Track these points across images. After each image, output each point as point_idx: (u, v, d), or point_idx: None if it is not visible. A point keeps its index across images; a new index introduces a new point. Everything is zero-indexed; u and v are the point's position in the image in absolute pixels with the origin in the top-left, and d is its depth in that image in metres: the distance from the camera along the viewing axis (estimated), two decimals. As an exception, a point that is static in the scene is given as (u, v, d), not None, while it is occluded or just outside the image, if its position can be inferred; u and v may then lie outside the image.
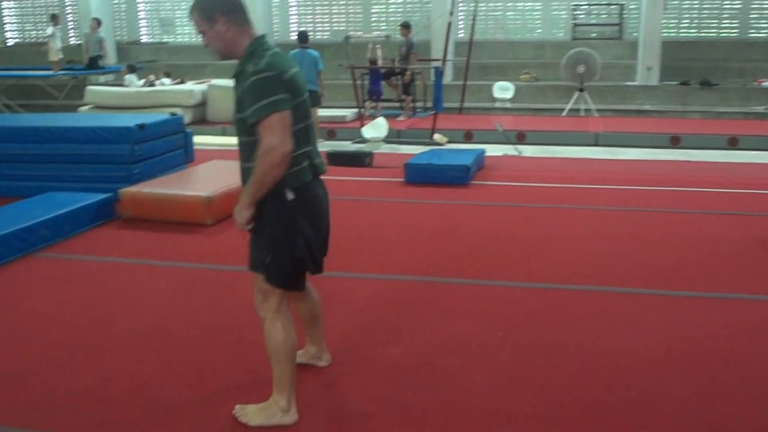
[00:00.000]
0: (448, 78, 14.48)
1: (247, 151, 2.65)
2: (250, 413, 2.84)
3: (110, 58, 15.71)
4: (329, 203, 2.89)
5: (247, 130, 2.60)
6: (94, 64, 14.44)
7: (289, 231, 2.68)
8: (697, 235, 5.45)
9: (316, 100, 9.92)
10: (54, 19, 14.64)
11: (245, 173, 2.70)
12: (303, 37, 10.42)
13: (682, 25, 16.07)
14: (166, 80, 13.29)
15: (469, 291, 4.33)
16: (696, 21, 16.00)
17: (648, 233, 5.52)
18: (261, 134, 2.53)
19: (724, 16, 15.87)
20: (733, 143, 10.14)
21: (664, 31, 15.00)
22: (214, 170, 6.91)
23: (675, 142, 10.24)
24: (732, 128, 10.93)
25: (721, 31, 15.97)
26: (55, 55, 14.17)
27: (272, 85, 2.52)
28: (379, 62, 12.03)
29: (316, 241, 2.78)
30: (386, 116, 10.98)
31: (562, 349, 3.50)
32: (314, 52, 10.14)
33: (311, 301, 3.15)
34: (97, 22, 14.47)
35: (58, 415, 2.93)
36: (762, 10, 15.71)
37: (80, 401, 3.03)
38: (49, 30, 14.37)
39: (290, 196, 2.64)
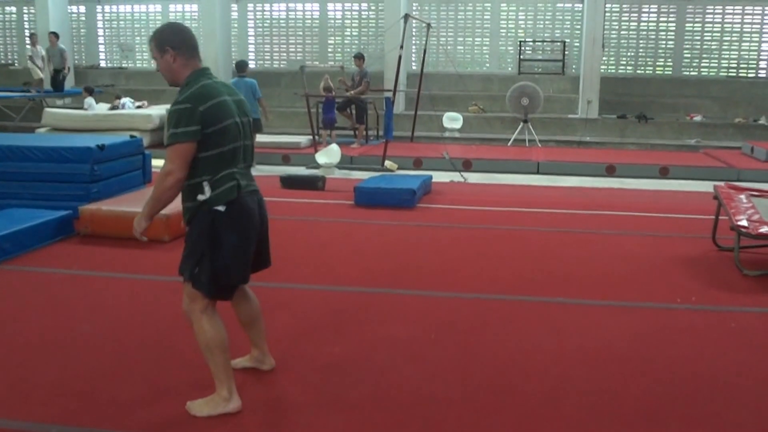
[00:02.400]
0: (400, 108, 15.03)
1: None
2: (197, 406, 3.15)
3: (70, 68, 16.07)
4: (266, 218, 3.24)
5: None
6: (57, 78, 14.75)
7: (214, 245, 3.00)
8: (619, 253, 5.96)
9: (257, 127, 10.38)
10: (32, 38, 14.99)
11: (189, 190, 3.04)
12: (241, 66, 10.96)
13: (620, 63, 16.98)
14: (129, 101, 13.45)
15: (407, 300, 4.73)
16: (633, 59, 16.94)
17: (575, 251, 6.02)
18: (165, 158, 2.95)
19: (659, 54, 16.84)
20: (664, 172, 10.83)
21: (604, 67, 15.86)
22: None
23: (610, 171, 10.89)
24: (664, 159, 11.65)
25: (656, 68, 16.93)
26: (36, 75, 14.62)
27: (184, 117, 2.91)
28: (333, 92, 12.45)
29: (244, 253, 3.10)
30: (340, 143, 11.41)
31: (485, 348, 3.91)
32: (251, 81, 10.80)
33: (249, 305, 3.44)
34: (56, 36, 14.87)
35: (22, 406, 3.21)
36: (694, 49, 16.72)
37: (42, 394, 3.31)
38: (30, 50, 14.74)
39: (221, 208, 2.99)
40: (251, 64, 17.88)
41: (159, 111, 12.79)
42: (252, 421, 3.11)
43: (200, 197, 2.98)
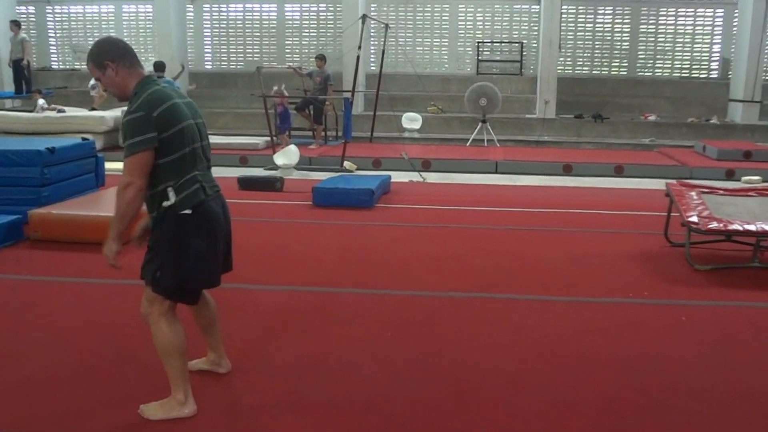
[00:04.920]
0: (359, 108, 15.02)
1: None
2: (152, 409, 3.11)
3: (32, 57, 15.69)
4: (230, 220, 3.21)
5: None
6: (18, 67, 14.33)
7: (179, 250, 2.96)
8: (575, 250, 6.04)
9: None
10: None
11: (152, 199, 2.98)
12: (158, 66, 10.85)
13: (577, 63, 17.24)
14: (44, 103, 12.98)
15: (365, 300, 4.72)
16: (589, 60, 17.22)
17: (533, 249, 6.08)
18: (124, 168, 2.89)
19: (615, 55, 17.16)
20: (619, 171, 11.01)
21: (560, 68, 16.08)
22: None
23: (567, 170, 11.02)
24: (619, 158, 11.85)
25: (612, 69, 17.23)
26: None
27: (139, 126, 2.85)
28: (286, 97, 12.35)
29: (211, 257, 3.06)
30: (298, 144, 11.35)
31: (444, 346, 3.92)
32: (169, 80, 10.66)
33: (207, 309, 3.40)
34: (16, 24, 14.45)
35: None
36: (648, 50, 17.07)
37: (-5, 400, 3.22)
38: None
39: (188, 212, 2.93)
40: (208, 65, 17.75)
41: (113, 113, 12.58)
42: (207, 424, 3.06)
43: (165, 204, 2.93)
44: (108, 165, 8.17)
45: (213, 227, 3.06)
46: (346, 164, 10.79)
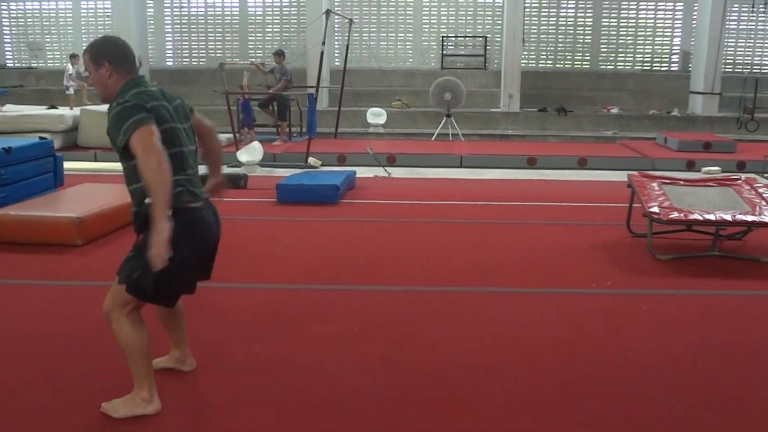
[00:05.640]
0: (323, 104, 14.96)
1: (131, 175, 2.89)
2: (115, 406, 3.04)
3: None
4: (220, 229, 3.14)
5: (125, 155, 2.84)
6: None
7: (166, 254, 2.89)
8: (539, 242, 6.09)
9: None
10: None
11: (135, 195, 2.92)
12: None
13: (540, 57, 17.39)
14: None
15: (331, 295, 4.69)
16: (552, 53, 17.38)
17: (498, 241, 6.11)
18: (134, 150, 2.76)
19: (578, 49, 17.35)
20: (582, 163, 11.13)
21: (524, 62, 16.22)
22: (84, 193, 6.93)
23: (531, 163, 11.11)
24: (582, 150, 11.98)
25: (575, 62, 17.41)
26: None
27: (131, 111, 2.78)
28: (248, 90, 12.24)
29: (195, 265, 3.02)
30: (262, 141, 11.25)
31: (410, 340, 3.92)
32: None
33: (173, 307, 3.33)
34: None
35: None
36: (610, 44, 17.28)
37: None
38: None
39: (168, 213, 2.76)
40: (169, 62, 17.51)
41: (72, 112, 12.35)
42: (172, 421, 3.02)
43: (147, 200, 2.82)
44: (67, 164, 8.01)
45: (205, 237, 3.02)
46: (311, 160, 10.73)
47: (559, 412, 3.14)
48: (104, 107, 3.03)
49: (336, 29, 16.34)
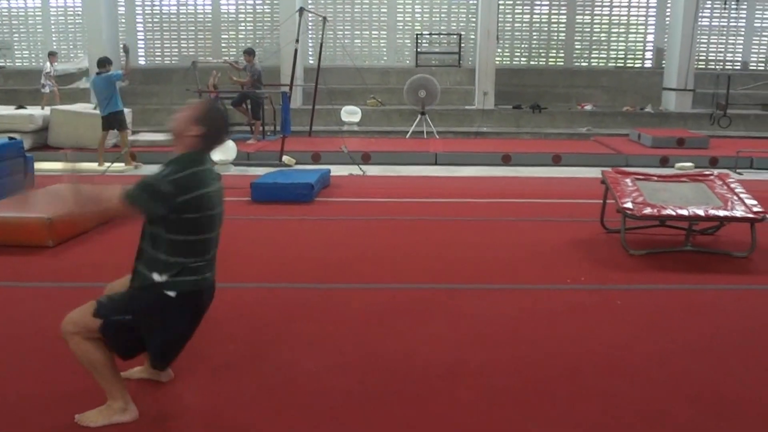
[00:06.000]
0: (298, 102, 14.88)
1: (154, 241, 2.90)
2: (91, 417, 2.98)
3: None
4: (212, 299, 3.17)
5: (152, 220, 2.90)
6: None
7: (162, 328, 2.91)
8: (514, 239, 6.10)
9: (120, 122, 10.13)
10: None
11: (150, 263, 2.90)
12: (102, 62, 10.35)
13: (515, 54, 17.46)
14: None
15: (305, 294, 4.66)
16: (527, 50, 17.46)
17: (472, 238, 6.11)
18: (123, 197, 2.81)
19: (552, 46, 17.44)
20: (556, 160, 11.19)
21: (498, 59, 16.28)
22: (55, 194, 6.81)
23: (506, 160, 11.15)
24: (556, 147, 12.05)
25: (549, 59, 17.51)
26: None
27: (157, 191, 2.80)
28: (213, 87, 12.11)
29: (175, 341, 3.02)
30: (236, 139, 11.16)
31: (385, 337, 3.90)
32: (108, 74, 10.09)
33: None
34: None
35: None
36: (584, 41, 17.41)
37: None
38: None
39: (172, 294, 2.87)
40: (141, 61, 17.30)
41: (42, 111, 12.16)
42: (150, 428, 2.97)
43: (155, 277, 2.87)
44: (37, 165, 7.88)
45: (198, 314, 3.07)
46: (285, 159, 10.67)
47: (537, 408, 3.14)
48: (75, 107, 2.97)
49: (310, 27, 16.25)
